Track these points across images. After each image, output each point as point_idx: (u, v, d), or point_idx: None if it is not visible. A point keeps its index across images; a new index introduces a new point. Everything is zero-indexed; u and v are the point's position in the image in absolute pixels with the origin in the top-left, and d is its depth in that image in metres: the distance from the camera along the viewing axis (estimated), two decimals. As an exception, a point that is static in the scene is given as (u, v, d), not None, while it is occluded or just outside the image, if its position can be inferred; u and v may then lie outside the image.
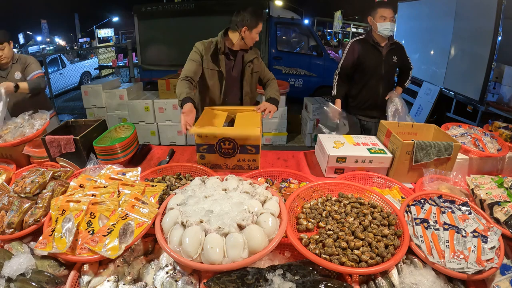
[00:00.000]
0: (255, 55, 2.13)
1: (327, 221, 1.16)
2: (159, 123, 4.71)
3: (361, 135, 1.91)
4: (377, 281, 0.97)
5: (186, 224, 1.02)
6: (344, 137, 1.86)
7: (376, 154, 1.66)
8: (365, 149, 1.71)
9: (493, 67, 4.13)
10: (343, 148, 1.71)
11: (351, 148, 1.72)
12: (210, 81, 2.08)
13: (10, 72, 2.47)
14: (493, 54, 4.09)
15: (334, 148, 1.70)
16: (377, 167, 1.66)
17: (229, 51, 2.06)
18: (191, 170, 1.60)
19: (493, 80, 4.25)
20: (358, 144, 1.77)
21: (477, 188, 1.38)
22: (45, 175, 1.36)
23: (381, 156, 1.64)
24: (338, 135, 1.95)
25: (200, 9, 5.31)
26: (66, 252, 1.01)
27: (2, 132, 1.92)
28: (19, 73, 2.50)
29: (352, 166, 1.67)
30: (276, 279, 0.92)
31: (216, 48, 2.02)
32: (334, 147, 1.72)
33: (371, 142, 1.80)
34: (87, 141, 1.72)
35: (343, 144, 1.77)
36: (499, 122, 2.10)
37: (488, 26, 4.11)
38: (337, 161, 1.66)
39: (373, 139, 1.85)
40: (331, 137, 1.85)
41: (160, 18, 5.51)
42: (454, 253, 1.01)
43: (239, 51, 2.08)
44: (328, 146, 1.72)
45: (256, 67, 2.15)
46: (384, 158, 1.64)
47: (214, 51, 2.03)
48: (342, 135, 1.89)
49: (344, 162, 1.66)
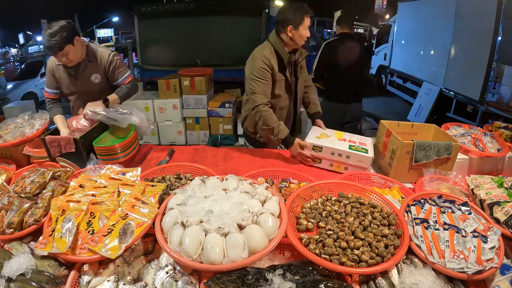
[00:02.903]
0: (305, 54, 2.02)
1: (327, 221, 1.16)
2: (159, 123, 4.71)
3: (356, 135, 1.92)
4: (377, 281, 0.97)
5: (186, 224, 1.02)
6: (335, 132, 1.90)
7: (356, 151, 1.66)
8: (347, 145, 1.73)
9: (493, 67, 4.14)
10: (325, 140, 1.75)
11: (332, 142, 1.75)
12: (279, 91, 1.96)
13: (84, 72, 1.96)
14: (493, 54, 4.10)
15: (316, 138, 1.77)
16: (355, 164, 1.68)
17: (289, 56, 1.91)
18: (191, 170, 1.60)
19: (493, 80, 4.25)
20: (344, 140, 1.80)
21: (477, 188, 1.38)
22: (45, 175, 1.36)
23: (360, 154, 1.65)
24: (332, 130, 1.97)
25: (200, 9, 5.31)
26: (66, 252, 1.01)
27: (2, 132, 1.92)
28: (98, 76, 1.99)
29: (328, 158, 1.72)
30: (276, 279, 0.92)
31: (281, 58, 1.88)
32: (317, 137, 1.79)
33: (359, 141, 1.81)
34: (87, 141, 1.72)
35: (329, 137, 1.83)
36: (499, 122, 2.10)
37: (488, 26, 4.11)
38: (313, 148, 1.73)
39: (365, 140, 1.86)
40: (323, 130, 1.91)
41: (160, 18, 5.50)
42: (454, 253, 1.01)
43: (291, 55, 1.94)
44: (311, 135, 1.79)
45: (304, 69, 2.08)
46: (363, 157, 1.65)
47: (281, 61, 1.89)
48: (334, 131, 1.93)
49: (320, 152, 1.72)
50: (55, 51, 1.77)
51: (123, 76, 2.06)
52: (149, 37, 5.64)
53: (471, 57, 4.60)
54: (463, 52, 4.90)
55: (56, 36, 1.73)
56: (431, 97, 5.52)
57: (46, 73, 2.05)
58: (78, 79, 1.97)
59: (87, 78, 1.97)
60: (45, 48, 1.81)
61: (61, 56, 1.81)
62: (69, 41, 1.79)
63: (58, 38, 1.73)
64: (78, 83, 1.98)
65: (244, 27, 5.15)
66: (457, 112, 5.08)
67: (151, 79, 5.50)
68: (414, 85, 6.60)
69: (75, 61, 1.89)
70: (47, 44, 1.75)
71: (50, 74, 2.01)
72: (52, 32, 1.73)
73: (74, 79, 1.97)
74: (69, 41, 1.79)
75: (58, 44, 1.74)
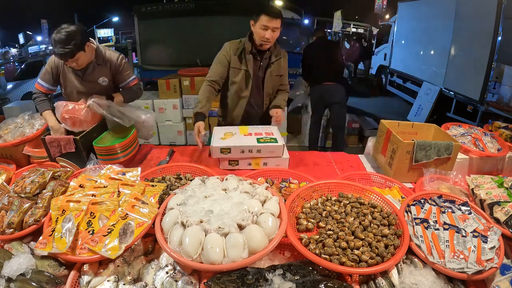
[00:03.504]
0: (280, 56, 2.07)
1: (327, 221, 1.16)
2: (159, 123, 4.71)
3: (260, 126, 1.95)
4: (377, 281, 0.97)
5: (186, 224, 1.02)
6: (238, 128, 1.90)
7: (265, 143, 1.68)
8: (255, 139, 1.72)
9: (493, 67, 4.14)
10: (230, 140, 1.74)
11: (239, 139, 1.74)
12: (235, 78, 2.05)
13: (91, 75, 1.93)
14: (493, 54, 4.10)
15: (221, 140, 1.73)
16: (270, 156, 1.70)
17: (256, 51, 2.01)
18: (191, 170, 1.60)
19: (493, 80, 4.25)
20: (250, 134, 1.80)
21: (477, 188, 1.38)
22: (45, 175, 1.36)
23: (269, 145, 1.66)
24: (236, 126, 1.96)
25: (200, 9, 5.31)
26: (66, 252, 1.01)
27: (2, 132, 1.92)
28: (106, 79, 1.97)
29: (242, 157, 1.71)
30: (276, 279, 0.92)
31: (243, 48, 1.99)
32: (221, 138, 1.76)
33: (265, 132, 1.81)
34: (87, 141, 1.72)
35: (234, 134, 1.80)
36: (499, 122, 2.10)
37: (488, 26, 4.11)
38: (221, 152, 1.69)
39: (271, 129, 1.88)
40: (227, 129, 1.89)
41: (160, 18, 5.50)
42: (454, 253, 1.01)
43: (266, 52, 2.02)
44: (216, 137, 1.77)
45: (277, 70, 2.09)
46: (274, 147, 1.67)
47: (241, 51, 1.99)
48: (238, 127, 1.92)
49: (229, 153, 1.69)
50: (66, 58, 1.73)
51: (129, 78, 2.07)
52: (149, 37, 5.63)
53: (471, 57, 4.60)
54: (463, 52, 4.90)
55: (69, 44, 1.68)
56: (431, 97, 5.52)
57: (47, 66, 1.97)
58: (85, 80, 1.95)
59: (95, 80, 1.96)
60: (55, 54, 1.75)
61: (71, 62, 1.79)
62: (81, 48, 1.76)
63: (72, 46, 1.68)
64: (84, 84, 1.96)
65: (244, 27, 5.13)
66: (457, 112, 5.08)
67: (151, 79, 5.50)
68: (414, 85, 6.60)
69: (84, 65, 1.87)
70: (58, 51, 1.69)
71: (51, 70, 1.96)
72: (64, 39, 1.67)
73: (81, 80, 1.95)
74: (81, 48, 1.76)
75: (71, 53, 1.70)
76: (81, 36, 1.74)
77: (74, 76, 1.95)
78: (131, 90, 2.08)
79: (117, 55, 2.01)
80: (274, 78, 2.11)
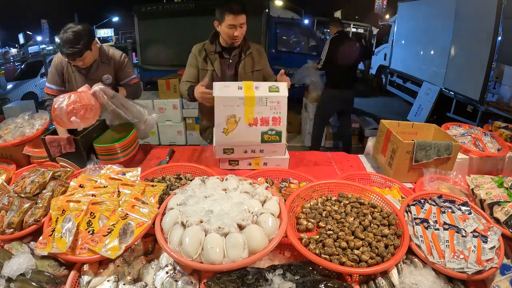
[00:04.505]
0: (251, 50, 2.01)
1: (327, 221, 1.16)
2: (159, 123, 4.71)
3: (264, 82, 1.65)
4: (377, 281, 0.97)
5: (186, 224, 1.02)
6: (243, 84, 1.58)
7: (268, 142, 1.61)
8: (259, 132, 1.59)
9: (493, 67, 4.14)
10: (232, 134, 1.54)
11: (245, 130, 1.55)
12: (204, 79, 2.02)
13: (95, 73, 1.96)
14: (493, 54, 4.10)
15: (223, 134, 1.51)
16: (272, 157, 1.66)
17: (222, 49, 1.99)
18: (191, 170, 1.60)
19: (493, 80, 4.26)
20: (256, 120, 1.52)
21: (477, 188, 1.38)
22: (45, 175, 1.36)
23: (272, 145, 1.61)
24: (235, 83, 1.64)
25: (200, 9, 5.31)
26: (66, 252, 1.01)
27: (2, 132, 1.92)
28: (110, 77, 2.00)
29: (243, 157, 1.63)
30: (276, 279, 0.92)
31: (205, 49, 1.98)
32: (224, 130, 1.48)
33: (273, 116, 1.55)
34: (87, 141, 1.72)
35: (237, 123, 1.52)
36: (499, 122, 2.10)
37: (488, 26, 4.11)
38: (224, 152, 1.58)
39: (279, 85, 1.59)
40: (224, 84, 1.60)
41: (160, 18, 5.51)
42: (454, 253, 1.01)
43: (235, 49, 1.99)
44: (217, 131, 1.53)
45: (252, 66, 2.02)
46: (276, 147, 1.61)
47: (205, 52, 1.99)
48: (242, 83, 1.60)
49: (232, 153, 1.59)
50: (74, 58, 1.75)
51: (130, 77, 2.11)
52: (149, 37, 5.64)
53: (471, 57, 4.61)
54: (463, 52, 4.90)
55: (78, 43, 1.70)
56: (431, 97, 5.52)
57: (51, 68, 1.99)
58: (89, 78, 1.96)
59: (99, 79, 1.97)
60: (62, 53, 1.78)
61: (78, 61, 1.81)
62: (89, 47, 1.79)
63: (80, 45, 1.71)
64: (89, 82, 1.92)
65: (243, 27, 5.14)
66: (457, 112, 5.08)
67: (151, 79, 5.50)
68: (414, 85, 6.60)
69: (89, 63, 1.91)
70: (67, 51, 1.71)
71: (56, 70, 1.97)
72: (72, 38, 1.69)
73: (85, 78, 1.97)
74: (89, 47, 1.79)
75: (80, 52, 1.73)
76: (88, 35, 1.76)
77: (78, 75, 1.96)
78: (132, 88, 2.10)
79: (120, 53, 2.05)
80: (251, 74, 2.04)
